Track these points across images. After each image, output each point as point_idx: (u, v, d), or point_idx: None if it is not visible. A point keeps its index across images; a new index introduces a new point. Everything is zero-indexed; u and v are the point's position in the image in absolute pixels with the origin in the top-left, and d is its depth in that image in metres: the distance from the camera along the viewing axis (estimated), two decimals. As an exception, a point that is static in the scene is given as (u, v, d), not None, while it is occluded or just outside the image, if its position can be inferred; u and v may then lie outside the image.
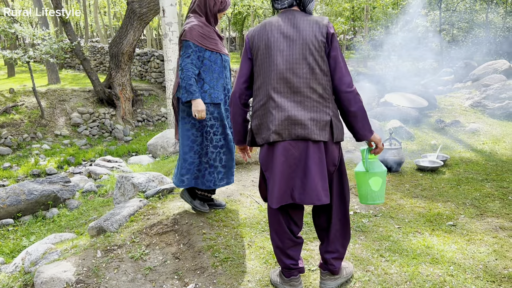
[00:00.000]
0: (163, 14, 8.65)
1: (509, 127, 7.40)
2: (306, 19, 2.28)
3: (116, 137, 13.24)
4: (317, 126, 2.24)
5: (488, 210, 3.76)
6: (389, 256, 2.94)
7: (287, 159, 2.26)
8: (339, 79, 2.26)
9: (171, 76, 8.88)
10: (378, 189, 2.49)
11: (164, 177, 4.22)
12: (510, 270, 2.72)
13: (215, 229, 3.30)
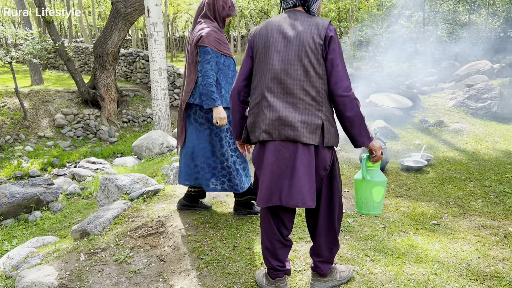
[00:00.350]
0: (148, 14, 8.59)
1: (491, 126, 7.53)
2: (306, 20, 2.25)
3: (101, 139, 13.10)
4: (307, 129, 2.21)
5: (471, 209, 3.81)
6: (374, 255, 2.96)
7: (277, 159, 2.25)
8: (335, 83, 2.21)
9: (156, 77, 8.82)
10: (374, 199, 2.43)
11: (149, 179, 4.18)
12: (492, 268, 2.76)
13: (200, 231, 3.28)
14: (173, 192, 4.04)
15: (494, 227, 3.40)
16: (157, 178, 5.27)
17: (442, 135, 6.99)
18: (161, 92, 9.00)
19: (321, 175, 2.31)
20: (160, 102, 9.01)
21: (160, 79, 8.88)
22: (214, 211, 3.68)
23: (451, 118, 7.92)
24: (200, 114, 3.31)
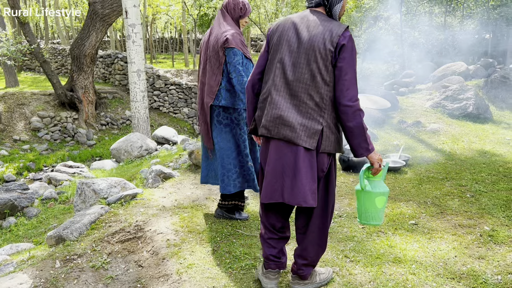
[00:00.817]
0: (126, 15, 8.49)
1: (467, 127, 7.69)
2: (323, 23, 2.23)
3: (79, 142, 12.87)
4: (305, 132, 2.23)
5: (448, 208, 3.87)
6: (353, 256, 2.97)
7: (280, 158, 2.30)
8: (341, 91, 2.19)
9: (135, 79, 8.71)
10: (373, 210, 2.42)
11: (127, 183, 4.12)
12: (468, 266, 2.80)
13: (179, 235, 3.24)
14: (152, 196, 3.99)
15: (470, 226, 3.46)
16: (135, 181, 5.19)
17: (420, 136, 7.10)
18: (140, 94, 8.89)
19: (319, 176, 2.35)
20: (139, 104, 8.90)
21: (139, 81, 8.77)
22: (194, 214, 3.64)
23: (428, 119, 8.05)
24: (224, 115, 3.32)
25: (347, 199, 4.15)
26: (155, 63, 26.62)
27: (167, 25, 38.38)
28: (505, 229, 3.35)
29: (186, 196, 4.03)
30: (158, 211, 3.65)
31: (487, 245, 3.10)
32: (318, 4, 2.30)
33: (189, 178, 4.56)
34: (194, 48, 24.68)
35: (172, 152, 6.71)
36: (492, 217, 3.62)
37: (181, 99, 16.67)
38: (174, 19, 29.74)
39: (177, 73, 21.16)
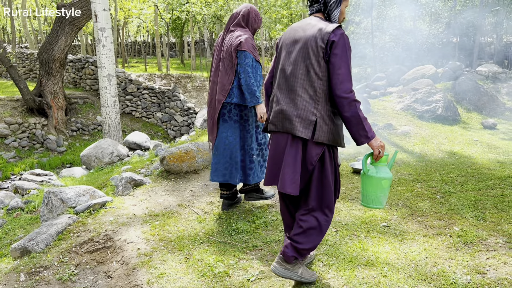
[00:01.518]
0: (95, 19, 8.32)
1: (437, 128, 7.86)
2: (316, 24, 2.45)
3: (49, 148, 12.51)
4: (301, 123, 2.43)
5: (419, 210, 3.92)
6: (326, 260, 2.97)
7: (276, 148, 2.57)
8: (335, 84, 2.37)
9: (105, 83, 8.54)
10: (374, 193, 2.57)
11: (96, 191, 4.01)
12: (439, 267, 2.84)
13: (150, 244, 3.17)
14: (122, 204, 3.89)
15: (440, 226, 3.52)
16: (106, 189, 5.06)
17: (391, 138, 7.22)
18: (111, 99, 8.72)
19: (308, 168, 2.49)
20: (110, 109, 8.72)
21: (110, 86, 8.60)
22: (166, 222, 3.57)
23: (399, 121, 8.20)
24: (235, 112, 3.66)
25: (321, 202, 4.15)
26: (127, 67, 26.22)
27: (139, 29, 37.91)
28: (474, 229, 3.42)
29: (158, 204, 3.95)
30: (129, 219, 3.57)
31: (456, 246, 3.15)
32: (318, 11, 2.55)
33: (161, 184, 4.48)
34: (167, 52, 24.43)
35: (144, 158, 6.59)
36: (461, 218, 3.69)
37: (154, 104, 16.46)
38: (146, 23, 29.39)
39: (150, 77, 20.90)
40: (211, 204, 4.03)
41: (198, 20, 25.10)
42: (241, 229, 3.51)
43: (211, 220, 3.69)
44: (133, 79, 16.42)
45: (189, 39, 32.37)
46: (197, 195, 4.24)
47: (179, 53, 32.43)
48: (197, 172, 4.78)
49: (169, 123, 16.38)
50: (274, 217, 3.80)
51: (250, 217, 3.79)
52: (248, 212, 3.91)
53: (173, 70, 24.31)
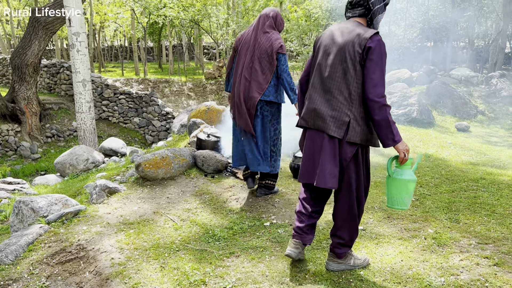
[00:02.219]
0: (69, 24, 8.18)
1: (412, 131, 7.99)
2: (355, 29, 2.56)
3: (22, 155, 12.20)
4: (334, 123, 2.59)
5: (394, 213, 3.97)
6: (303, 266, 2.96)
7: (311, 145, 2.71)
8: (368, 88, 2.50)
9: (80, 89, 8.38)
10: (399, 195, 2.68)
11: (69, 199, 3.91)
12: (414, 270, 2.86)
13: (125, 253, 3.11)
14: (96, 213, 3.81)
15: (415, 229, 3.56)
16: (80, 197, 4.95)
17: (368, 141, 7.29)
18: (86, 104, 8.56)
19: (342, 165, 2.64)
20: (85, 115, 8.57)
21: (85, 91, 8.45)
22: (141, 230, 3.51)
23: (375, 125, 8.30)
24: (267, 108, 4.03)
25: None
26: (104, 72, 25.84)
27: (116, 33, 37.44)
28: (447, 231, 3.47)
29: (133, 211, 3.88)
30: (102, 228, 3.49)
31: (430, 248, 3.19)
32: (361, 15, 2.65)
33: (137, 192, 4.40)
34: (144, 56, 24.17)
35: (120, 165, 6.49)
36: (435, 220, 3.75)
37: (131, 109, 16.26)
38: (123, 27, 29.05)
39: (127, 82, 20.64)
40: (188, 211, 3.98)
41: (175, 24, 24.95)
42: (218, 236, 3.47)
43: (188, 227, 3.65)
44: (109, 84, 16.19)
45: (167, 43, 32.15)
46: (173, 202, 4.19)
47: (157, 57, 32.16)
48: (174, 178, 4.72)
49: (146, 128, 16.20)
50: (251, 223, 3.78)
51: (227, 223, 3.76)
52: (225, 218, 3.88)
53: (150, 75, 24.08)
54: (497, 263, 2.89)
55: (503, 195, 4.47)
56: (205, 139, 5.07)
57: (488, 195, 4.49)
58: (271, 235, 3.51)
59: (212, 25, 26.93)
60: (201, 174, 4.87)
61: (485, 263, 2.91)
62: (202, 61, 27.33)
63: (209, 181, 4.74)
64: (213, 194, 4.42)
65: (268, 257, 3.10)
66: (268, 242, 3.37)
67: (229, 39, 22.19)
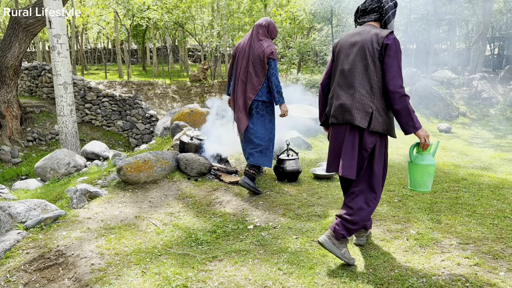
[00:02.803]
0: (49, 26, 8.05)
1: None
2: (371, 30, 2.86)
3: (3, 160, 11.94)
4: (359, 114, 2.83)
5: (377, 214, 3.98)
6: (287, 268, 2.95)
7: (336, 139, 2.99)
8: (388, 80, 2.77)
9: (61, 92, 8.25)
10: (421, 178, 2.94)
11: (49, 204, 3.83)
12: (396, 271, 2.87)
13: (105, 258, 3.05)
14: (76, 218, 3.73)
15: (397, 230, 3.58)
16: (61, 201, 4.85)
17: (352, 143, 7.33)
18: (67, 108, 8.43)
19: (363, 155, 2.87)
20: (66, 118, 8.43)
21: (66, 94, 8.32)
22: (122, 235, 3.45)
23: (359, 126, 8.35)
24: (262, 107, 4.46)
25: (282, 209, 4.15)
26: (87, 74, 25.51)
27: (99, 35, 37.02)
28: (429, 232, 3.50)
29: (114, 216, 3.82)
30: (83, 233, 3.42)
31: (413, 249, 3.21)
32: (376, 19, 2.98)
33: (118, 196, 4.34)
34: (128, 58, 23.94)
35: (102, 169, 6.39)
36: (417, 221, 3.77)
37: (115, 112, 16.08)
38: (106, 30, 28.73)
39: (110, 85, 20.42)
40: (170, 215, 3.94)
41: (160, 26, 24.79)
42: (201, 240, 3.44)
43: (170, 231, 3.60)
44: (92, 87, 15.99)
45: (151, 45, 31.90)
46: (155, 206, 4.14)
47: (141, 60, 31.89)
48: (156, 182, 4.66)
49: (130, 131, 16.04)
50: (235, 226, 3.76)
51: (210, 227, 3.73)
52: (208, 222, 3.84)
53: (134, 77, 23.86)
54: (478, 263, 2.92)
55: (484, 196, 4.53)
56: (188, 142, 5.02)
57: (469, 196, 4.55)
58: (254, 238, 3.49)
59: (197, 27, 26.83)
60: (184, 178, 4.83)
61: (465, 263, 2.93)
62: (187, 63, 27.21)
63: (193, 184, 4.70)
64: (197, 197, 4.38)
65: (252, 261, 3.08)
66: (251, 245, 3.35)
67: (214, 41, 22.13)
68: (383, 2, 2.95)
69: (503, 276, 2.75)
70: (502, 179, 5.34)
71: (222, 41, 23.36)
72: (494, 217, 3.84)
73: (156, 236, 3.51)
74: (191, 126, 5.89)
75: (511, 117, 11.02)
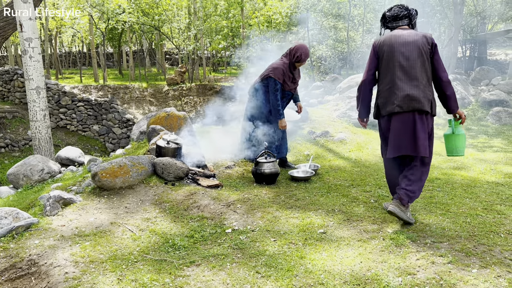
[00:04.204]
0: (20, 29, 7.87)
1: (370, 134, 8.17)
2: (416, 33, 3.56)
3: (-27, 167, 11.59)
4: (426, 102, 3.47)
5: (354, 215, 4.02)
6: (264, 271, 2.94)
7: (402, 125, 3.51)
8: (441, 73, 3.55)
9: (34, 96, 8.07)
10: (460, 145, 3.74)
11: (20, 212, 3.72)
12: (372, 271, 2.91)
13: (80, 266, 2.98)
14: (49, 226, 3.64)
15: (374, 230, 3.62)
16: (34, 209, 4.73)
17: (328, 145, 7.40)
18: (41, 113, 8.25)
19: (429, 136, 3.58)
20: (39, 124, 8.24)
21: (39, 99, 8.13)
22: (97, 242, 3.39)
23: (335, 128, 8.44)
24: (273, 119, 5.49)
25: (260, 212, 4.14)
26: (61, 78, 25.00)
27: (74, 38, 36.34)
28: (405, 231, 3.55)
29: (89, 223, 3.74)
30: (56, 241, 3.34)
31: (389, 249, 3.25)
32: (407, 24, 3.68)
33: (93, 202, 4.25)
34: (104, 62, 23.58)
35: (77, 175, 6.27)
36: (393, 221, 3.82)
37: (90, 116, 15.82)
38: (81, 33, 28.23)
39: (85, 89, 20.07)
40: (147, 221, 3.89)
41: (136, 29, 24.51)
42: (178, 245, 3.40)
43: (147, 237, 3.55)
44: (67, 91, 15.70)
45: (127, 49, 31.49)
46: (131, 211, 4.08)
47: (117, 63, 31.47)
48: (132, 187, 4.60)
49: (107, 136, 15.80)
50: (213, 230, 3.73)
51: (188, 231, 3.70)
52: (186, 226, 3.81)
53: (110, 81, 23.52)
54: (451, 261, 2.98)
55: (457, 195, 4.64)
56: (164, 146, 4.97)
57: (443, 195, 4.64)
58: (232, 241, 3.48)
59: (174, 30, 26.66)
60: (161, 182, 4.78)
61: (440, 261, 2.99)
62: (164, 66, 26.98)
63: (170, 189, 4.65)
64: (174, 202, 4.34)
65: (230, 265, 3.06)
66: (229, 249, 3.33)
67: (191, 44, 22.02)
68: (410, 10, 3.67)
69: (476, 272, 2.81)
70: (474, 178, 5.48)
71: (199, 44, 23.27)
72: (466, 215, 3.93)
73: (132, 242, 3.45)
74: (167, 130, 5.84)
75: (482, 118, 11.33)
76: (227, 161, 5.87)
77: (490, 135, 9.88)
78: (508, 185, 5.14)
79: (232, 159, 5.94)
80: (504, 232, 3.51)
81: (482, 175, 5.70)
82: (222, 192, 4.69)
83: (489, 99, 11.83)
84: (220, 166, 5.64)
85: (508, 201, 4.40)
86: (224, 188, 4.86)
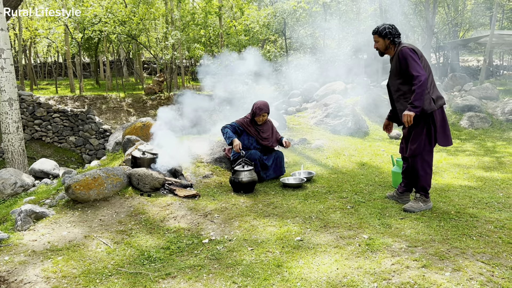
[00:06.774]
0: (-9, 40, 7.69)
1: (347, 141, 8.25)
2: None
3: None
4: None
5: (331, 221, 4.05)
6: (241, 281, 2.93)
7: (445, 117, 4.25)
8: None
9: (6, 108, 7.89)
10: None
11: (-10, 228, 3.62)
12: (348, 277, 2.92)
13: (51, 282, 2.91)
14: (20, 241, 3.55)
15: (350, 236, 3.65)
16: (6, 224, 4.60)
17: (306, 152, 7.45)
18: (13, 125, 8.06)
19: None
20: (12, 136, 8.06)
21: (11, 111, 7.96)
22: (70, 256, 3.31)
23: (313, 136, 8.51)
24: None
25: (237, 221, 4.13)
26: (36, 90, 24.53)
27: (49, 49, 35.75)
28: (380, 237, 3.59)
29: (62, 237, 3.66)
30: (27, 257, 3.26)
31: (364, 254, 3.28)
32: None
33: (66, 215, 4.17)
34: (80, 72, 23.25)
35: (51, 187, 6.14)
36: (369, 226, 3.87)
37: (66, 127, 15.55)
38: (56, 43, 27.80)
39: (61, 100, 19.74)
40: (122, 233, 3.82)
41: (112, 39, 24.29)
42: (154, 257, 3.36)
43: (122, 250, 3.50)
44: (42, 102, 15.41)
45: (104, 59, 31.14)
46: (106, 224, 4.01)
47: (94, 73, 31.07)
48: (107, 199, 4.52)
49: (83, 147, 15.54)
50: (189, 241, 3.70)
51: (164, 243, 3.65)
52: (162, 238, 3.76)
53: (87, 92, 23.20)
54: (425, 265, 3.02)
55: (431, 199, 4.71)
56: (140, 157, 4.92)
57: (417, 199, 4.71)
58: (209, 252, 3.45)
59: (151, 40, 26.51)
60: (137, 193, 4.71)
61: (414, 266, 3.03)
62: (142, 76, 26.78)
63: (146, 200, 4.59)
64: (150, 213, 4.29)
65: (206, 275, 3.04)
66: (206, 260, 3.30)
67: (168, 53, 21.93)
68: None
69: (449, 276, 2.86)
70: (448, 183, 5.59)
71: (177, 53, 23.20)
72: (440, 219, 4.00)
73: (106, 255, 3.39)
74: (143, 140, 5.78)
75: (455, 123, 11.60)
76: (204, 170, 5.84)
77: (463, 139, 10.11)
78: (480, 189, 5.26)
79: (210, 168, 5.91)
80: (476, 235, 3.59)
81: (455, 179, 5.82)
82: (200, 202, 4.66)
83: (461, 104, 12.13)
84: (197, 175, 5.61)
85: (480, 204, 4.51)
86: (201, 198, 4.83)
